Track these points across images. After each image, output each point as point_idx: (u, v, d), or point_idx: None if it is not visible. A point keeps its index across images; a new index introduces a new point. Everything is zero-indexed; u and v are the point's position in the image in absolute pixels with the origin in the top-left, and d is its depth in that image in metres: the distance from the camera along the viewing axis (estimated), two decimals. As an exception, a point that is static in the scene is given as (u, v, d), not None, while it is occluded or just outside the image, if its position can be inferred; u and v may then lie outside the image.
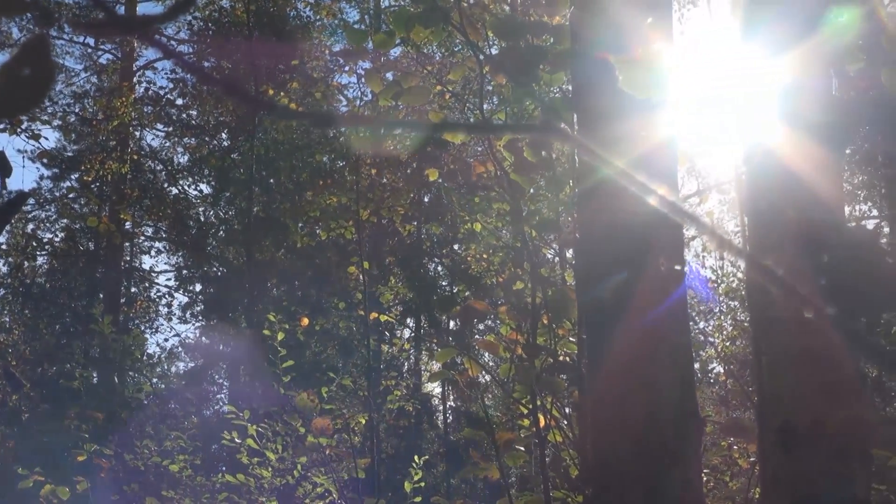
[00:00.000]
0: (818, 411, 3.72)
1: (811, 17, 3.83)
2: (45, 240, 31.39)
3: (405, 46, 19.61)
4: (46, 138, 28.17)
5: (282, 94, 23.63)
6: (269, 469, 11.47)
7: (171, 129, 31.02)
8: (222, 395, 33.14)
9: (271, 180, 27.51)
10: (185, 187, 31.18)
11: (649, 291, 4.36)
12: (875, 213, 21.85)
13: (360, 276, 18.61)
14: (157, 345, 32.56)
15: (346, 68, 25.43)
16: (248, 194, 25.60)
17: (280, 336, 11.61)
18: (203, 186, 30.92)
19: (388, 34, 5.89)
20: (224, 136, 30.72)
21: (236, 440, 11.38)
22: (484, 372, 6.75)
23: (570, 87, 5.54)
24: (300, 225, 25.63)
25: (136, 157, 30.23)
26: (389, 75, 7.09)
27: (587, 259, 4.84)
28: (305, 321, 18.72)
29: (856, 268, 2.89)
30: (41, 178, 32.27)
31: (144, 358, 26.15)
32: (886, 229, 19.90)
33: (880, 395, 19.73)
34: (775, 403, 3.87)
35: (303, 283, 29.27)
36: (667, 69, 3.73)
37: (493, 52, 6.17)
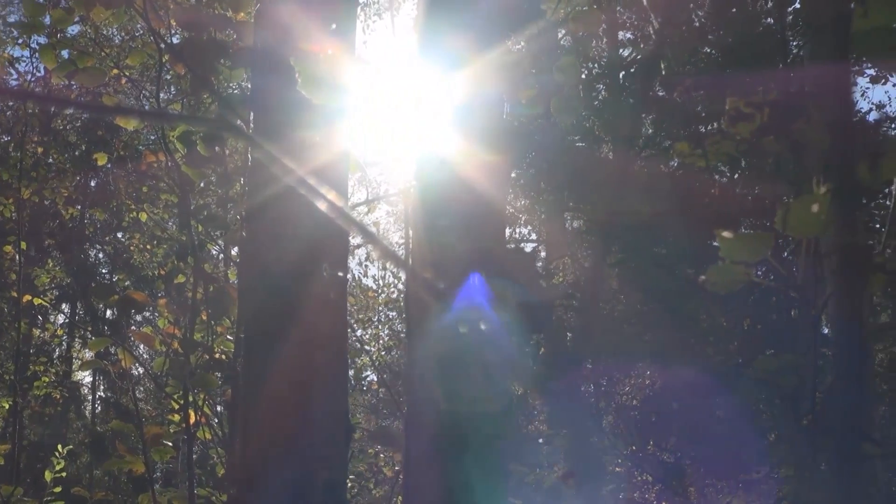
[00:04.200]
0: (465, 424, 3.82)
1: (484, 36, 3.95)
2: None
3: (84, 25, 19.11)
4: None
5: (-54, 60, 22.55)
6: None
7: None
8: None
9: (-74, 149, 26.27)
10: None
11: (311, 296, 4.38)
12: (534, 237, 22.68)
13: (17, 256, 17.96)
14: None
15: (21, 41, 24.55)
16: None
17: (-77, 313, 11.11)
18: None
19: (68, 10, 5.73)
20: None
21: None
22: (138, 364, 6.64)
23: (250, 85, 5.53)
24: (-45, 199, 24.51)
25: None
26: (65, 53, 6.89)
27: (252, 259, 4.83)
28: (-48, 299, 17.92)
29: (514, 289, 2.99)
30: None
31: None
32: (543, 254, 20.70)
33: (524, 412, 20.43)
34: (425, 414, 3.95)
35: (-47, 259, 28.01)
36: (346, 77, 3.76)
37: (175, 41, 6.09)
